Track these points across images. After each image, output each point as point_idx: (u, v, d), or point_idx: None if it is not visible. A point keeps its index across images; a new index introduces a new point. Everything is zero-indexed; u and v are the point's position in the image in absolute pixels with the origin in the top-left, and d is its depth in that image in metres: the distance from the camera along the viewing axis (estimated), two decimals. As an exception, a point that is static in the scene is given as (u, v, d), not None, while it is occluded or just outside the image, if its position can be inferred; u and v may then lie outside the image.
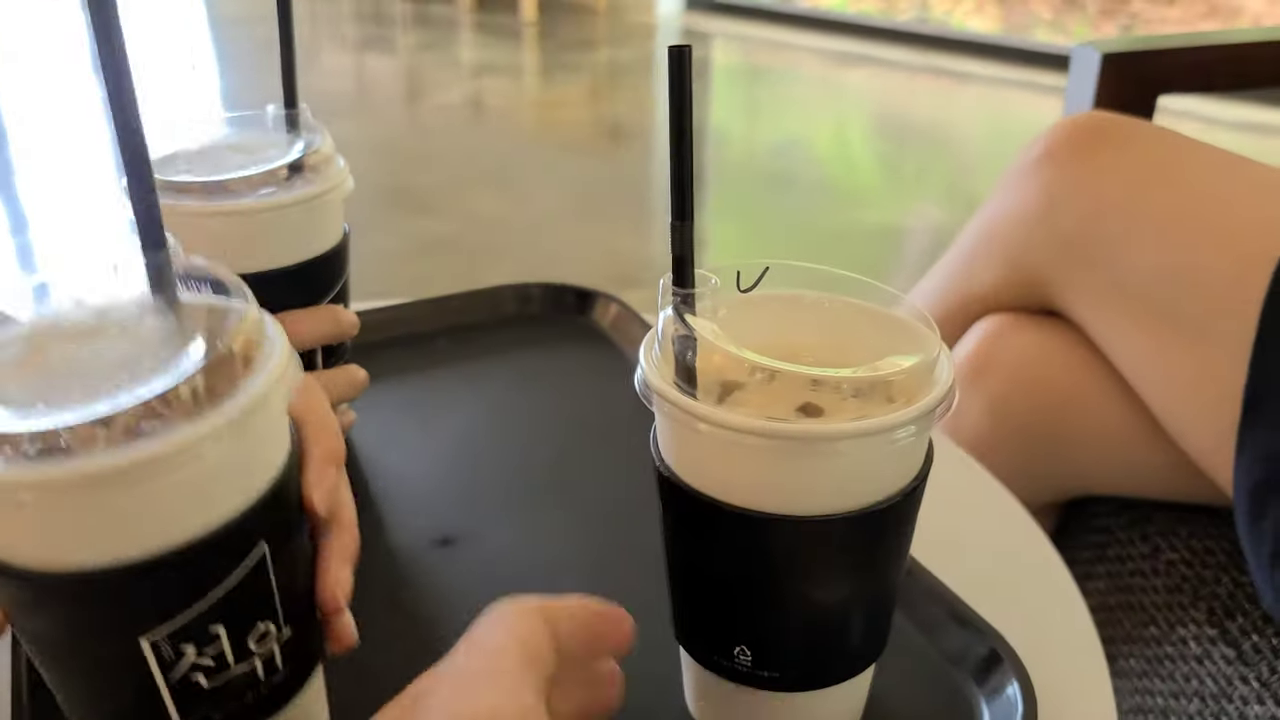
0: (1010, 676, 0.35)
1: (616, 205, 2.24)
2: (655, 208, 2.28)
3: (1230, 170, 0.54)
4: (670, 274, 0.32)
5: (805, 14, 4.06)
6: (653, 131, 2.77)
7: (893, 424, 0.29)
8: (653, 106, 3.06)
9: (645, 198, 2.32)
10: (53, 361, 0.26)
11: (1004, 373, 0.59)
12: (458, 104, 2.98)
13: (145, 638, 0.26)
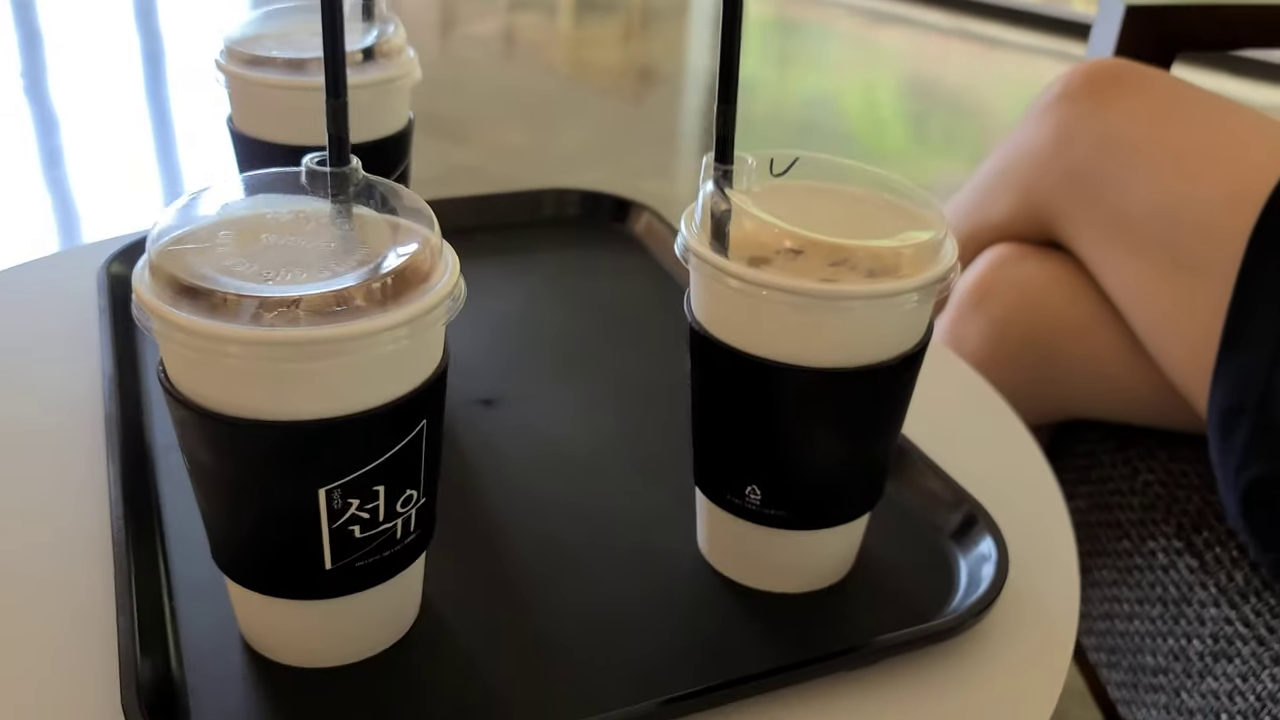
0: (986, 536, 0.40)
1: (643, 146, 2.26)
2: (681, 150, 2.31)
3: (1230, 115, 0.58)
4: (713, 152, 0.36)
5: (842, -32, 4.03)
6: (682, 76, 2.79)
7: (899, 289, 0.33)
8: (683, 52, 3.07)
9: (671, 140, 2.34)
10: (265, 247, 0.30)
11: (1006, 298, 0.63)
12: (490, 36, 2.99)
13: (323, 488, 0.30)
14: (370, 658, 0.35)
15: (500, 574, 0.39)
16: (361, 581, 0.33)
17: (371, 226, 0.33)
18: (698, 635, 0.37)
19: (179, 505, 0.41)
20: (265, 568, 0.33)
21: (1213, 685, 0.52)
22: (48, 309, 0.55)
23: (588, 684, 0.34)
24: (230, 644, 0.35)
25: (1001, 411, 0.51)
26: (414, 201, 0.33)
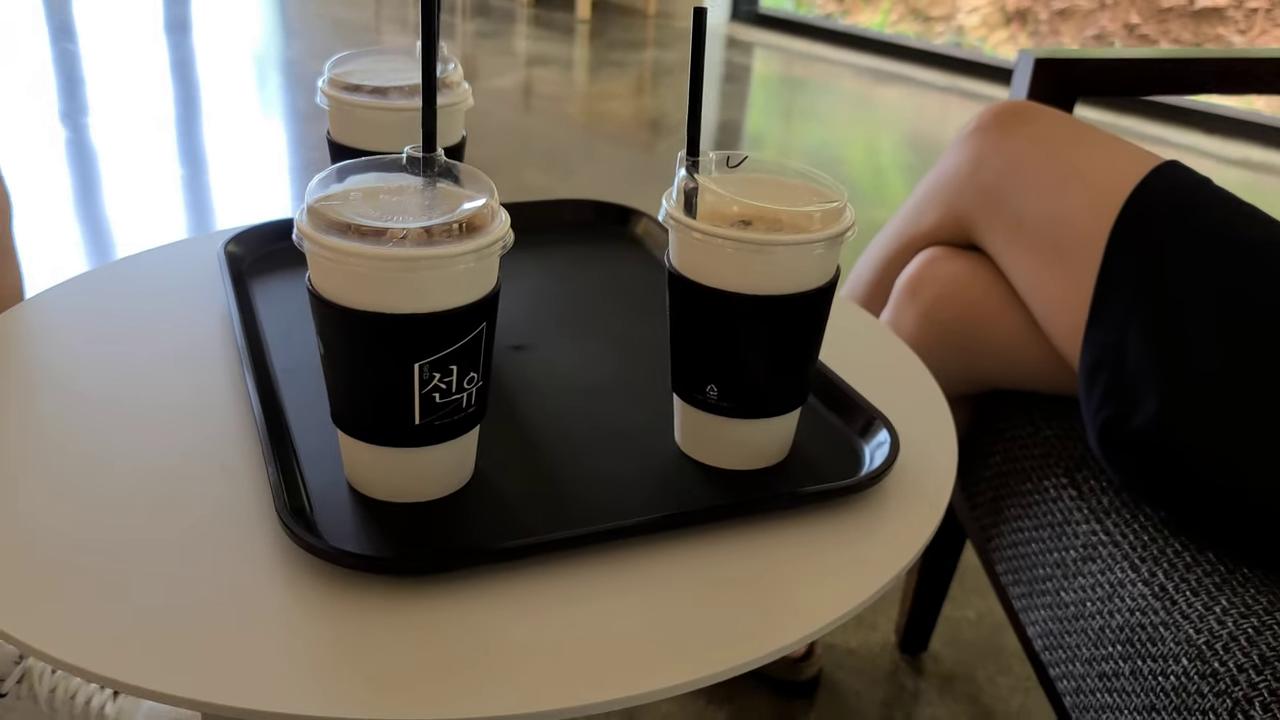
0: (883, 430, 0.54)
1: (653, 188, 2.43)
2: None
3: (1099, 143, 0.73)
4: (685, 150, 0.52)
5: (844, 30, 4.25)
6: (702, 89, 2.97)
7: (810, 240, 0.48)
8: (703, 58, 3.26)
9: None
10: (382, 201, 0.46)
11: (934, 289, 0.78)
12: (511, 89, 3.19)
13: (417, 363, 0.45)
14: (437, 499, 0.50)
15: (528, 453, 0.54)
16: (438, 436, 0.48)
17: (450, 192, 0.48)
18: (672, 498, 0.52)
19: (293, 403, 0.56)
20: (372, 422, 0.48)
21: (1082, 583, 0.66)
22: (183, 275, 0.71)
23: (587, 516, 0.49)
24: (339, 484, 0.50)
25: (913, 362, 0.66)
26: (479, 177, 0.49)
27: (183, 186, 2.24)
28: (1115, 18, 4.48)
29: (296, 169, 2.42)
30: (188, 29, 3.67)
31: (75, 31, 3.46)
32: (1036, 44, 4.40)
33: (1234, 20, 4.20)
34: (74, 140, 2.43)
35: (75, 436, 0.54)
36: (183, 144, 2.53)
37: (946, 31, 5.02)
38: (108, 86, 2.91)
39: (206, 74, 3.17)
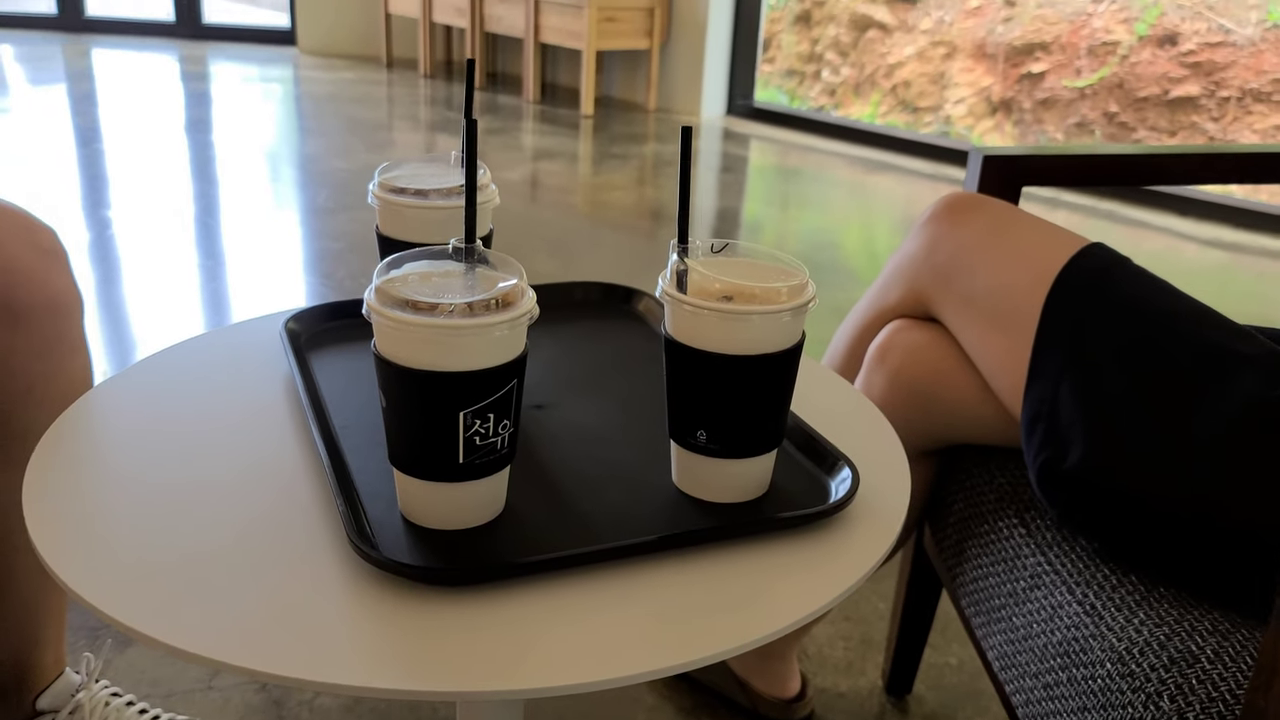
0: (846, 469, 0.65)
1: (654, 272, 2.57)
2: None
3: (1035, 228, 0.85)
4: (676, 239, 0.63)
5: (836, 123, 4.47)
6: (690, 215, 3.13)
7: (778, 310, 0.60)
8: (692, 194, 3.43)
9: (678, 269, 2.66)
10: (434, 282, 0.58)
11: (900, 356, 0.89)
12: (519, 181, 3.36)
13: (462, 411, 0.57)
14: (476, 527, 0.60)
15: (549, 489, 0.64)
16: (477, 473, 0.59)
17: (487, 274, 0.60)
18: (669, 523, 0.62)
19: (352, 450, 0.67)
20: (424, 461, 0.58)
21: (1030, 607, 0.75)
22: (249, 350, 0.82)
23: (598, 537, 0.59)
24: (394, 515, 0.60)
25: (876, 416, 0.77)
26: (510, 263, 0.61)
27: (204, 278, 2.38)
28: (1095, 106, 4.69)
29: (315, 259, 2.56)
30: (208, 128, 3.88)
31: (100, 133, 3.66)
32: (1021, 132, 4.61)
33: (1207, 109, 4.41)
34: (96, 238, 2.58)
35: (170, 485, 0.64)
36: (203, 238, 2.68)
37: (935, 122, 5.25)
38: (130, 184, 3.08)
39: (226, 171, 3.35)
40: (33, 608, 0.96)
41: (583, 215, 3.10)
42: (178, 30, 5.70)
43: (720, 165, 3.85)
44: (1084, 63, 4.59)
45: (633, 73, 4.74)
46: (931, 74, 5.22)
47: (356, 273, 2.39)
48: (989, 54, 4.89)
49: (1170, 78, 4.38)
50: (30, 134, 3.61)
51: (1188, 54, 4.39)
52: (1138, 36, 4.50)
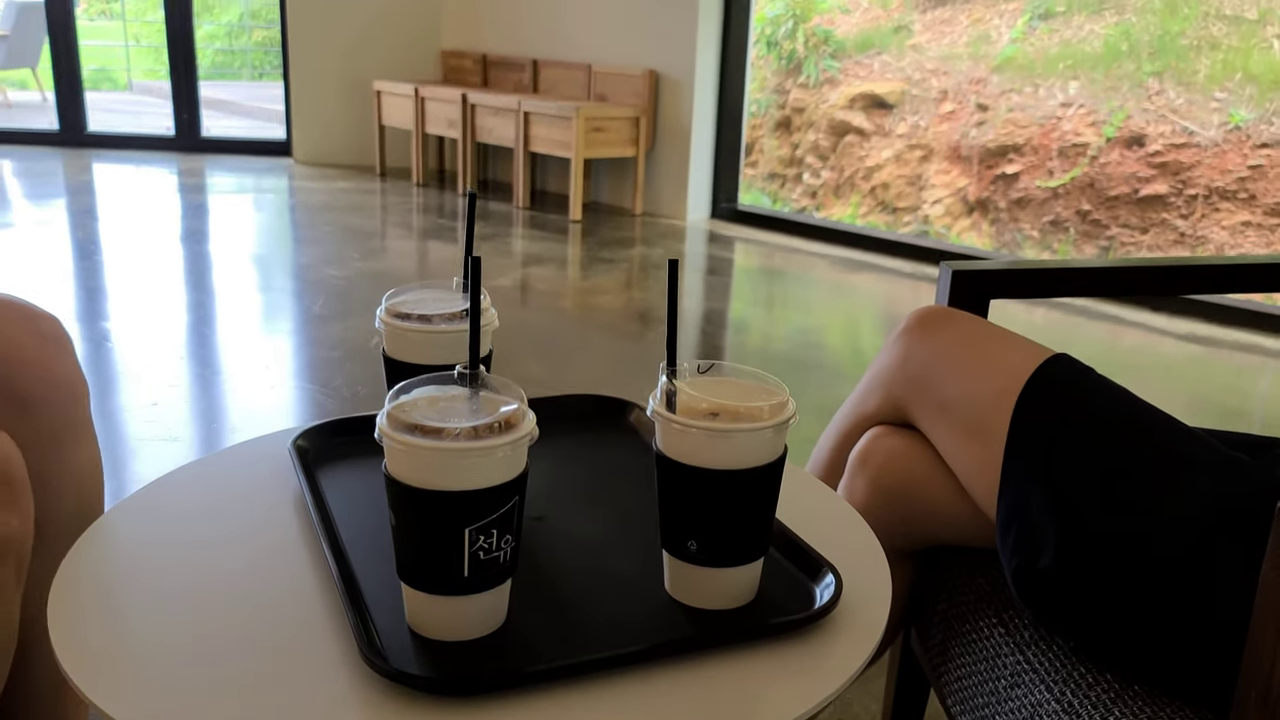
0: (830, 575, 0.68)
1: (643, 376, 2.63)
2: (675, 380, 2.67)
3: (1004, 341, 0.91)
4: (665, 362, 0.68)
5: (817, 224, 4.60)
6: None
7: (760, 427, 0.64)
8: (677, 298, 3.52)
9: (667, 371, 2.72)
10: (441, 407, 0.62)
11: (879, 461, 0.94)
12: (510, 287, 3.45)
13: (467, 528, 0.60)
14: (479, 637, 0.63)
15: (548, 599, 0.68)
16: (481, 586, 0.62)
17: (490, 398, 0.64)
18: (663, 631, 0.65)
19: (360, 564, 0.70)
20: (431, 576, 0.62)
21: (1011, 705, 0.78)
22: (258, 467, 0.86)
23: (595, 646, 0.63)
24: (401, 627, 0.64)
25: (858, 522, 0.81)
26: (512, 387, 0.65)
27: (201, 389, 2.42)
28: (1068, 205, 4.85)
29: (312, 367, 2.61)
30: (205, 239, 3.97)
31: (99, 245, 3.75)
32: (998, 231, 4.76)
33: (1176, 206, 4.57)
34: (94, 351, 2.63)
35: (187, 602, 0.68)
36: (200, 348, 2.73)
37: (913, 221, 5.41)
38: (128, 295, 3.15)
39: (222, 280, 3.42)
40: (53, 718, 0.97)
41: (572, 319, 3.17)
42: (177, 144, 5.87)
43: (706, 267, 3.95)
44: (1056, 164, 4.76)
45: (620, 178, 4.89)
46: (909, 176, 5.40)
47: (353, 380, 2.44)
48: (964, 156, 5.07)
49: (1139, 177, 4.54)
50: (31, 247, 3.69)
51: (1155, 154, 4.57)
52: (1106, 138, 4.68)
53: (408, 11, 5.56)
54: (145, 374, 2.45)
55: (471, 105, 4.84)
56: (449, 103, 4.93)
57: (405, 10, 5.55)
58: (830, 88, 5.72)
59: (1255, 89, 4.28)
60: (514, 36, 5.25)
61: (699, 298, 3.48)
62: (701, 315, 3.26)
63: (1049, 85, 4.80)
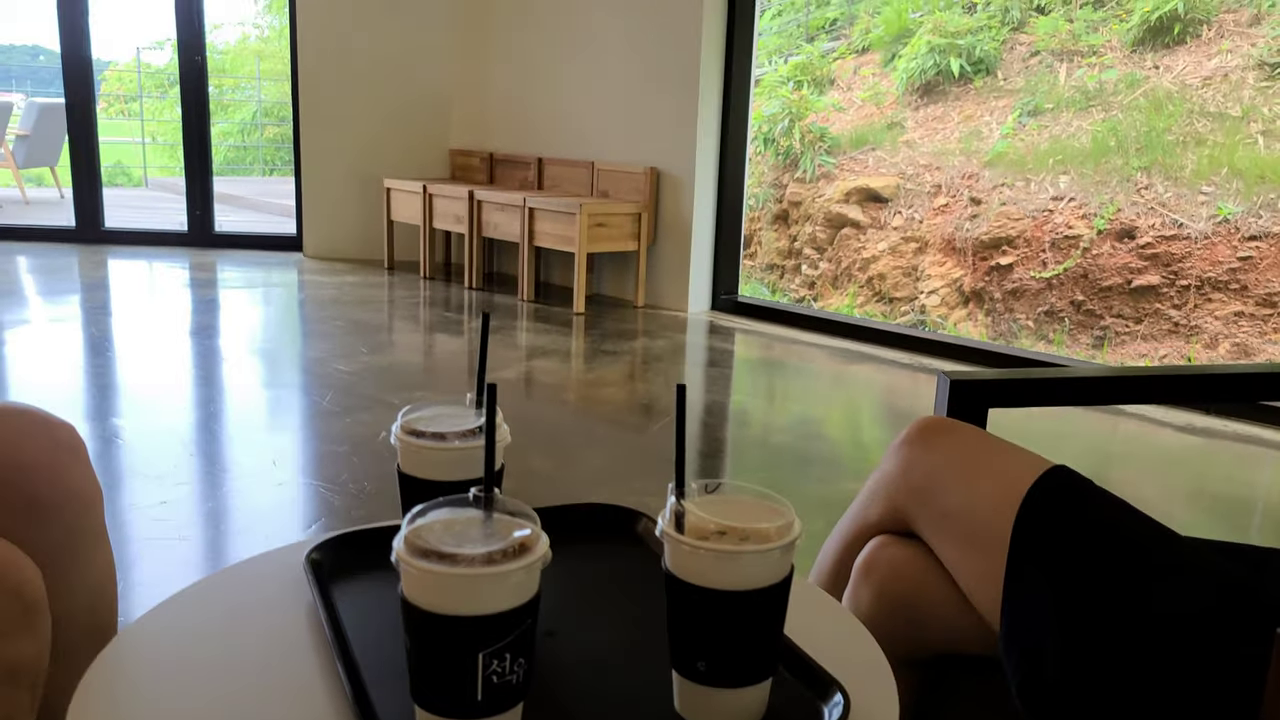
0: (838, 694, 0.70)
1: (646, 469, 2.64)
2: (679, 474, 2.68)
3: (1004, 452, 0.93)
4: (674, 483, 0.71)
5: (815, 315, 4.66)
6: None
7: (767, 549, 0.66)
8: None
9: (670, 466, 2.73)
10: (456, 531, 0.65)
11: (883, 571, 0.95)
12: (515, 380, 3.49)
13: (481, 652, 0.62)
14: (494, 758, 0.64)
15: (560, 712, 0.69)
16: (495, 708, 0.64)
17: (504, 521, 0.67)
18: (674, 749, 0.66)
19: (373, 681, 0.71)
20: (444, 699, 0.63)
21: (1022, 822, 0.78)
22: (272, 581, 0.88)
23: (613, 767, 0.64)
24: (419, 750, 0.65)
25: (864, 636, 0.82)
26: (525, 510, 0.68)
27: (208, 487, 2.44)
28: (1062, 296, 4.92)
29: (320, 463, 2.63)
30: (215, 334, 4.03)
31: (111, 341, 3.80)
32: (993, 320, 4.82)
33: (1169, 297, 4.64)
34: (103, 449, 2.65)
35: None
36: (208, 445, 2.75)
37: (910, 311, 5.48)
38: (138, 392, 3.18)
39: (232, 376, 3.47)
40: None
41: (576, 412, 3.20)
42: (190, 239, 5.99)
43: (707, 359, 4.00)
44: (1049, 255, 4.85)
45: (622, 271, 4.98)
46: (905, 267, 5.48)
47: (360, 476, 2.45)
48: (958, 248, 5.16)
49: (1131, 268, 4.62)
50: (46, 344, 3.75)
51: (1145, 246, 4.65)
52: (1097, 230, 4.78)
53: (418, 112, 5.73)
54: (154, 472, 2.47)
55: (478, 201, 4.96)
56: (456, 199, 5.05)
57: (415, 110, 5.73)
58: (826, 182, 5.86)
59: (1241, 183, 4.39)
60: (520, 136, 5.41)
61: (700, 390, 3.51)
62: (703, 408, 3.29)
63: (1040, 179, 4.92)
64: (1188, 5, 4.74)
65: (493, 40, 5.49)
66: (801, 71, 6.42)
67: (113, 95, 12.44)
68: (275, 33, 14.53)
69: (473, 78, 5.63)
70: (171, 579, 1.94)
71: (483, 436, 0.85)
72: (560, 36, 5.11)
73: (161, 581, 1.92)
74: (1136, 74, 4.95)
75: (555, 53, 5.15)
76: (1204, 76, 4.62)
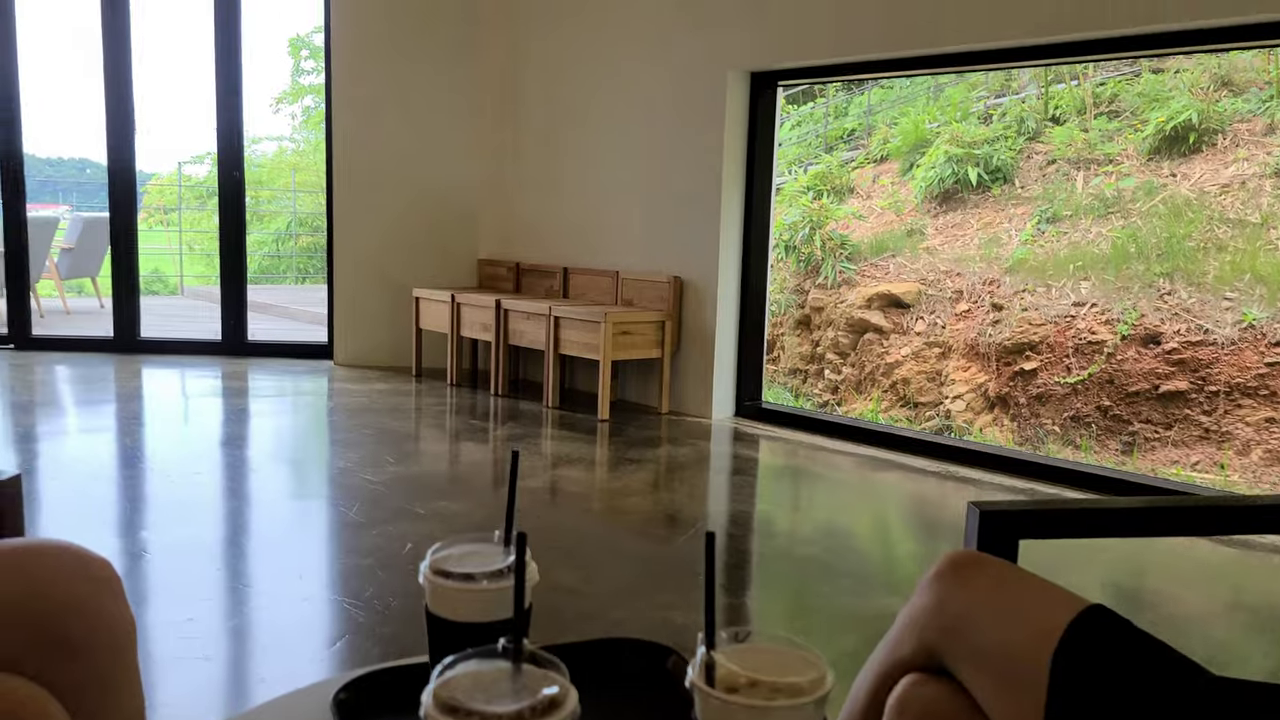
0: None
1: (672, 583, 2.62)
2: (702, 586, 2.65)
3: (1039, 589, 0.93)
4: (704, 633, 0.71)
5: (840, 421, 4.65)
6: (702, 521, 3.21)
7: (800, 703, 0.66)
8: (704, 499, 3.54)
9: (695, 578, 2.70)
10: (486, 686, 0.66)
11: (917, 709, 0.94)
12: (540, 489, 3.49)
13: None
14: None
15: None
16: None
17: (534, 674, 0.67)
18: None
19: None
20: None
21: None
22: None
23: None
24: None
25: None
26: (555, 663, 0.68)
27: (233, 603, 2.43)
28: (1088, 401, 4.90)
29: (345, 577, 2.62)
30: (245, 444, 4.08)
31: (144, 452, 3.85)
32: (1019, 427, 4.80)
33: (1198, 402, 4.61)
34: (131, 565, 2.66)
35: None
36: (235, 559, 2.76)
37: (935, 416, 5.47)
38: (168, 505, 3.21)
39: (261, 486, 3.49)
40: None
41: (601, 522, 3.19)
42: (223, 348, 6.11)
43: (731, 467, 3.99)
44: (1073, 361, 4.86)
45: (646, 378, 5.01)
46: (929, 372, 5.49)
47: (385, 592, 2.45)
48: (981, 353, 5.18)
49: (1158, 374, 4.62)
50: (80, 457, 3.80)
51: (1171, 352, 4.66)
52: (1121, 336, 4.80)
53: (447, 223, 5.90)
54: (180, 588, 2.48)
55: (505, 310, 5.05)
56: (483, 308, 5.15)
57: (444, 222, 5.89)
58: (848, 288, 5.93)
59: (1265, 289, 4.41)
60: (545, 246, 5.53)
61: (725, 500, 3.49)
62: (728, 518, 3.27)
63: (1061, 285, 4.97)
64: (1201, 115, 4.84)
65: (519, 153, 5.67)
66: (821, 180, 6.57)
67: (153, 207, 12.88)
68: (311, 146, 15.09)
69: (500, 190, 5.80)
70: (197, 702, 1.93)
71: (511, 577, 0.86)
72: (584, 149, 5.28)
73: (187, 704, 1.90)
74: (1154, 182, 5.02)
75: (579, 165, 5.31)
76: (1221, 184, 4.68)
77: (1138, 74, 5.52)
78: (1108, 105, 5.50)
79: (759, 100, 4.64)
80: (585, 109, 5.25)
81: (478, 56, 5.76)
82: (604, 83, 5.14)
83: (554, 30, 5.40)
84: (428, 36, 5.73)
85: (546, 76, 5.46)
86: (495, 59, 5.74)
